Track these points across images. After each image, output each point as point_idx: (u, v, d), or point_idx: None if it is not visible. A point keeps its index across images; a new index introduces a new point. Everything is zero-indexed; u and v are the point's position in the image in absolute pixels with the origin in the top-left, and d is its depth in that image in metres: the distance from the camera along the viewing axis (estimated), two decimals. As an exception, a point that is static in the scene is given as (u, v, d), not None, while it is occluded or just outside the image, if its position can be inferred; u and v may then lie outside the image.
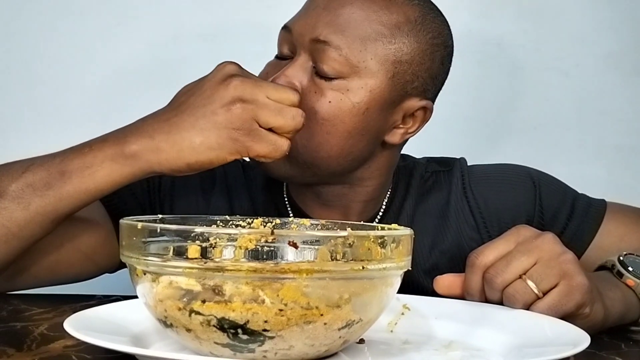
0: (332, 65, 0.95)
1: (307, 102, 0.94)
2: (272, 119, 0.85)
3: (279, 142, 0.86)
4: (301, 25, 0.97)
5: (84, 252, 1.00)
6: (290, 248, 0.61)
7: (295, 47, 0.98)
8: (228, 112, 0.85)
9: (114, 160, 0.86)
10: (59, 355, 0.69)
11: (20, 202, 0.87)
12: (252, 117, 0.85)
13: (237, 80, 0.86)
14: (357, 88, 0.95)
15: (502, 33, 1.52)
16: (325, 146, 0.96)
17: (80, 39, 1.49)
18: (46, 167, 0.88)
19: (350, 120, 0.96)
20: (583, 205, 1.08)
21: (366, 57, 0.95)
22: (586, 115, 1.53)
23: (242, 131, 0.85)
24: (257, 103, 0.85)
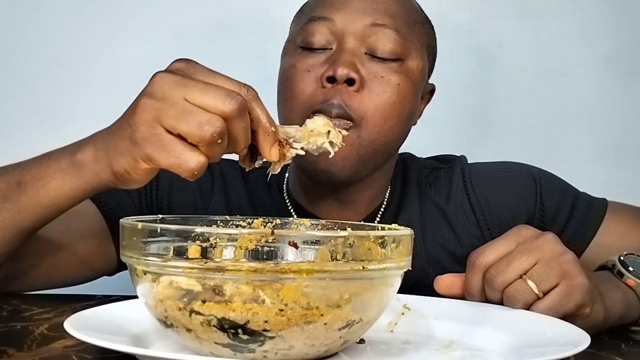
0: (392, 47, 0.97)
1: (377, 87, 0.96)
2: (174, 123, 0.68)
3: (185, 155, 0.68)
4: (348, 13, 0.98)
5: (80, 257, 1.00)
6: (291, 248, 0.61)
7: (337, 37, 0.98)
8: (133, 111, 0.71)
9: (64, 171, 0.80)
10: (59, 355, 0.69)
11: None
12: (155, 118, 0.69)
13: (162, 74, 0.71)
14: (413, 69, 1.00)
15: (502, 33, 1.52)
16: (395, 129, 0.99)
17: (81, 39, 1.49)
18: (6, 177, 0.84)
19: (412, 101, 1.00)
20: (584, 204, 1.08)
21: (414, 39, 1.01)
22: (586, 115, 1.53)
23: (142, 134, 0.70)
24: (164, 102, 0.69)
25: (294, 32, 1.05)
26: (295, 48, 1.01)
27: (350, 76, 0.95)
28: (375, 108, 0.96)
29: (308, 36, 0.99)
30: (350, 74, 0.95)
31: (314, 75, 0.97)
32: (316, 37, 0.99)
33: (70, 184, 0.80)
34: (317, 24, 0.99)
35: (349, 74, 0.95)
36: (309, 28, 1.00)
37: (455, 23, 1.50)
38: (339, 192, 1.04)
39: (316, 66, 0.98)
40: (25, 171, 0.83)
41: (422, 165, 1.12)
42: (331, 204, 1.05)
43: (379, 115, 0.96)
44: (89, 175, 0.78)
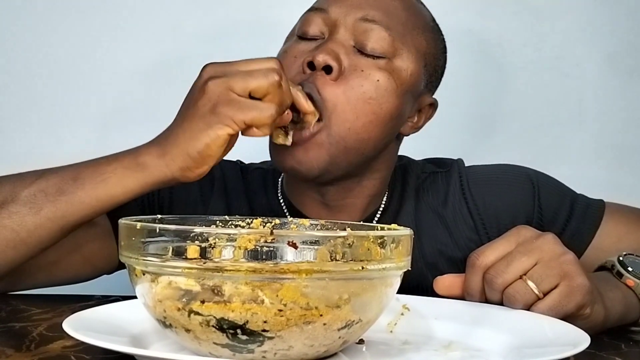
0: (380, 44, 0.97)
1: (353, 79, 0.95)
2: (245, 84, 0.83)
3: (261, 105, 0.83)
4: (343, 6, 0.99)
5: (82, 254, 1.00)
6: (290, 248, 0.61)
7: (330, 28, 0.99)
8: (203, 93, 0.84)
9: (127, 168, 0.86)
10: (58, 356, 0.69)
11: (32, 207, 0.87)
12: (226, 87, 0.83)
13: (208, 67, 0.86)
14: (401, 70, 0.98)
15: (502, 33, 1.52)
16: (369, 127, 0.97)
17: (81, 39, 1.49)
18: (60, 174, 0.88)
19: (393, 102, 0.98)
20: (582, 206, 1.08)
21: (407, 42, 0.99)
22: (586, 115, 1.53)
23: (219, 102, 0.83)
24: (227, 74, 0.84)
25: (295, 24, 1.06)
26: (293, 37, 1.03)
27: (328, 63, 0.94)
28: (348, 101, 0.94)
29: (304, 25, 1.01)
30: (328, 61, 0.94)
31: (299, 62, 0.97)
32: (311, 26, 1.00)
33: (132, 179, 0.86)
34: (313, 14, 1.00)
35: (327, 61, 0.94)
36: (305, 17, 1.01)
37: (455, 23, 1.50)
38: (323, 196, 1.04)
39: (304, 53, 0.98)
40: (82, 168, 0.88)
41: (420, 170, 1.12)
42: (320, 207, 1.05)
43: (350, 109, 0.94)
44: (154, 170, 0.86)
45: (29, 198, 0.87)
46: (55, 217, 0.87)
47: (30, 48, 1.49)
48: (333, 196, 1.04)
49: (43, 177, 0.88)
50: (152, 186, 0.87)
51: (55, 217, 0.87)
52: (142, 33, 1.50)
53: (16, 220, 0.87)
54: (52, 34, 1.49)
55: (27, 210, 0.87)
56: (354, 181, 1.03)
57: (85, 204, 0.87)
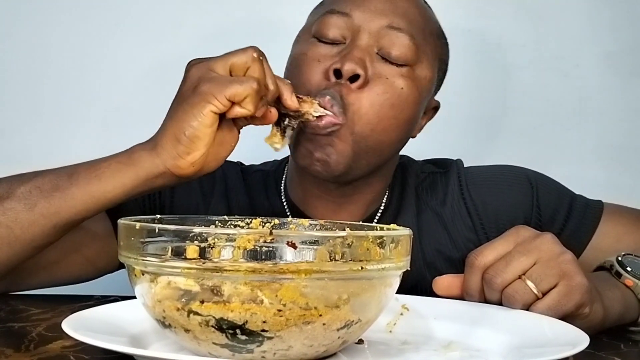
0: (405, 52, 0.98)
1: (378, 86, 0.96)
2: (224, 61, 0.84)
3: (241, 78, 0.83)
4: (367, 12, 0.99)
5: (84, 254, 1.00)
6: (289, 248, 0.61)
7: (352, 33, 0.98)
8: (186, 80, 0.85)
9: (120, 163, 0.86)
10: (57, 356, 0.69)
11: (27, 203, 0.87)
12: (207, 68, 0.84)
13: (192, 61, 0.87)
14: (421, 77, 1.00)
15: (502, 33, 1.52)
16: (389, 131, 0.98)
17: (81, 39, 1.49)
18: (57, 171, 0.89)
19: (413, 108, 1.00)
20: (580, 206, 1.08)
21: (426, 49, 1.01)
22: (586, 115, 1.53)
23: (202, 82, 0.82)
24: (208, 60, 0.85)
25: (310, 22, 1.05)
26: (309, 37, 1.01)
27: (357, 72, 0.94)
28: (371, 105, 0.95)
29: (323, 27, 1.00)
30: (356, 70, 0.94)
31: (323, 66, 0.97)
32: (332, 29, 0.99)
33: (124, 174, 0.86)
34: (334, 17, 0.99)
35: (355, 70, 0.94)
36: (326, 19, 1.00)
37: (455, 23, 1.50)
38: (336, 191, 1.04)
39: (327, 57, 0.97)
40: (78, 165, 0.88)
41: (419, 170, 1.12)
42: (327, 204, 1.05)
43: (373, 113, 0.95)
44: (145, 163, 0.85)
45: (24, 194, 0.87)
46: (48, 213, 0.87)
47: (30, 48, 1.49)
48: (343, 194, 1.04)
49: (40, 174, 0.89)
50: (146, 181, 0.86)
51: (49, 214, 0.87)
52: (142, 33, 1.50)
53: (11, 216, 0.87)
54: (52, 34, 1.49)
55: (22, 207, 0.87)
56: (363, 180, 1.03)
57: (78, 199, 0.86)
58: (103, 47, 1.50)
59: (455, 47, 1.09)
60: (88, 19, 1.50)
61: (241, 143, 0.89)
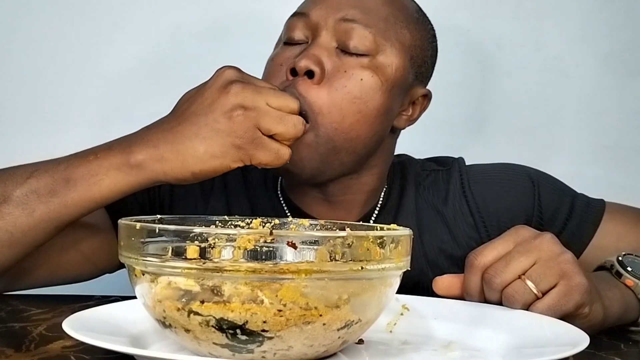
0: (362, 42, 0.97)
1: (337, 81, 0.95)
2: (274, 127, 0.85)
3: (281, 150, 0.86)
4: (323, 8, 0.99)
5: (84, 253, 1.00)
6: (289, 248, 0.61)
7: (312, 31, 0.99)
8: (230, 120, 0.84)
9: (120, 169, 0.86)
10: (58, 356, 0.69)
11: (25, 209, 0.86)
12: (254, 124, 0.84)
13: (238, 86, 0.85)
14: (385, 66, 0.98)
15: (502, 33, 1.52)
16: (356, 126, 0.96)
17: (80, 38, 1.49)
18: (51, 173, 0.87)
19: (379, 99, 0.98)
20: (582, 205, 1.08)
21: (390, 37, 0.99)
22: (586, 115, 1.52)
23: (245, 139, 0.84)
24: (258, 110, 0.84)
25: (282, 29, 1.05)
26: (280, 43, 1.03)
27: (310, 68, 0.94)
28: (332, 102, 0.95)
29: (288, 31, 1.01)
30: (309, 66, 0.94)
31: (284, 69, 0.98)
32: (295, 32, 1.00)
33: (125, 182, 0.86)
34: (296, 19, 1.01)
35: (308, 66, 0.94)
36: (289, 23, 1.01)
37: (455, 23, 1.50)
38: (324, 192, 1.04)
39: (289, 59, 0.98)
40: (73, 168, 0.87)
41: (420, 168, 1.12)
42: (321, 204, 1.05)
43: (335, 110, 0.94)
44: (149, 174, 0.86)
45: (21, 199, 0.87)
46: (49, 218, 0.87)
47: (30, 48, 1.49)
48: (333, 193, 1.04)
49: (34, 176, 0.87)
50: (146, 186, 0.88)
51: (50, 219, 0.87)
52: (142, 32, 1.50)
53: (9, 221, 0.86)
54: (51, 34, 1.49)
55: (20, 212, 0.86)
56: (353, 177, 1.03)
57: (79, 205, 0.87)
58: (102, 46, 1.50)
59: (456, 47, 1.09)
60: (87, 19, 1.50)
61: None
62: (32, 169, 0.89)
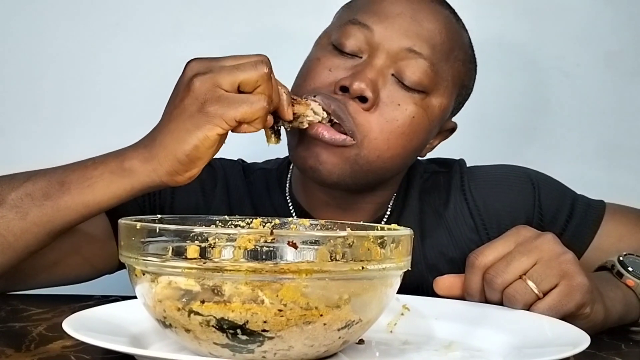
0: (422, 79, 0.94)
1: (388, 113, 0.93)
2: (233, 78, 0.79)
3: (252, 98, 0.79)
4: (390, 30, 0.95)
5: (83, 255, 1.00)
6: (290, 248, 0.61)
7: (371, 48, 0.95)
8: (189, 91, 0.80)
9: (113, 173, 0.84)
10: (58, 356, 0.69)
11: (18, 211, 0.85)
12: (213, 84, 0.79)
13: (192, 62, 0.82)
14: (435, 106, 0.97)
15: (502, 33, 1.52)
16: (396, 159, 0.96)
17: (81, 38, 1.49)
18: (47, 177, 0.86)
19: (421, 137, 0.98)
20: (582, 206, 1.08)
21: (447, 76, 0.98)
22: (586, 115, 1.53)
23: (209, 101, 0.79)
24: (213, 70, 0.80)
25: (332, 26, 1.02)
26: (328, 42, 0.99)
27: (365, 95, 0.92)
28: (381, 132, 0.93)
29: (342, 37, 0.96)
30: (365, 92, 0.92)
31: (333, 77, 0.95)
32: (350, 41, 0.96)
33: (118, 185, 0.84)
34: (356, 28, 0.96)
35: (364, 92, 0.92)
36: (346, 29, 0.97)
37: (455, 23, 1.50)
38: (340, 197, 1.03)
39: (339, 69, 0.95)
40: (68, 172, 0.86)
41: (423, 170, 1.12)
42: (331, 209, 1.05)
43: (382, 139, 0.93)
44: (141, 176, 0.83)
45: (15, 202, 0.85)
46: (41, 222, 0.85)
47: (31, 49, 1.49)
48: (343, 200, 1.03)
49: (30, 180, 0.87)
50: (140, 191, 0.85)
51: (42, 222, 0.85)
52: (143, 34, 1.50)
53: (2, 224, 0.85)
54: (51, 34, 1.49)
55: (14, 215, 0.85)
56: (367, 191, 1.03)
57: (72, 209, 0.85)
58: (103, 47, 1.50)
59: (456, 47, 1.09)
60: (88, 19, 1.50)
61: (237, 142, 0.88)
62: (30, 174, 0.88)
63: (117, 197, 0.85)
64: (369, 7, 0.98)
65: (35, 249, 0.88)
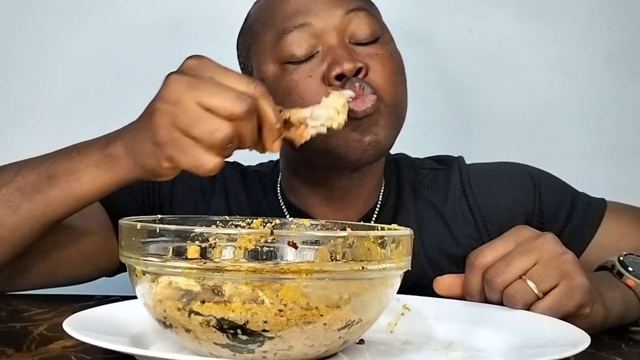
0: (370, 27, 0.99)
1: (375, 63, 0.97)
2: (189, 128, 0.72)
3: (202, 158, 0.73)
4: (322, 10, 0.98)
5: (84, 254, 1.00)
6: (290, 248, 0.61)
7: (320, 37, 0.97)
8: (151, 114, 0.75)
9: (98, 166, 0.83)
10: (58, 356, 0.69)
11: (10, 206, 0.86)
12: (170, 122, 0.73)
13: (175, 77, 0.75)
14: (390, 43, 1.03)
15: (502, 33, 1.52)
16: (403, 94, 1.01)
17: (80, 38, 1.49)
18: (36, 170, 0.87)
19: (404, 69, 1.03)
20: (583, 204, 1.08)
21: (380, 18, 1.04)
22: (586, 115, 1.53)
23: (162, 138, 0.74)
24: (178, 106, 0.73)
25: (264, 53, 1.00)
26: (281, 64, 0.98)
27: (358, 66, 0.95)
28: (384, 81, 0.97)
29: (293, 49, 0.96)
30: (356, 65, 0.94)
31: (318, 78, 0.96)
32: (302, 46, 0.96)
33: (104, 178, 0.84)
34: (296, 33, 0.97)
35: (356, 65, 0.94)
36: (289, 40, 0.96)
37: (455, 23, 1.50)
38: (333, 191, 1.04)
39: (314, 69, 0.96)
40: (56, 165, 0.86)
41: (419, 167, 1.12)
42: (323, 204, 1.05)
43: (391, 83, 0.97)
44: (123, 168, 0.82)
45: (6, 197, 0.86)
46: (34, 215, 0.86)
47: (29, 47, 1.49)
48: (336, 192, 1.04)
49: (20, 173, 0.87)
50: (126, 182, 0.84)
51: (34, 216, 0.86)
52: (141, 31, 1.50)
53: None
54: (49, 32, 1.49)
55: (5, 210, 0.86)
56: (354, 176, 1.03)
57: (61, 203, 0.86)
58: (103, 47, 1.50)
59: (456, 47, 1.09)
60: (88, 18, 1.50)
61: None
62: (20, 167, 0.88)
63: (103, 189, 0.85)
64: (284, 11, 0.99)
65: (31, 241, 0.89)
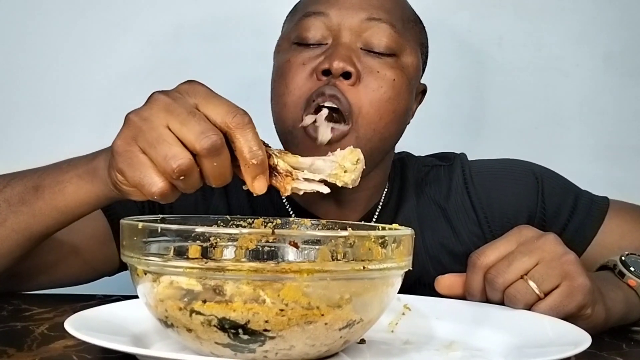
0: (388, 42, 0.97)
1: (371, 83, 0.95)
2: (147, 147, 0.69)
3: (148, 178, 0.68)
4: (344, 8, 0.98)
5: (84, 258, 1.00)
6: (291, 248, 0.61)
7: (333, 32, 0.97)
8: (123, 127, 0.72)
9: (80, 177, 0.82)
10: (60, 355, 0.69)
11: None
12: (132, 136, 0.70)
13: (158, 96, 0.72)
14: (407, 65, 1.00)
15: (502, 33, 1.52)
16: (390, 126, 0.97)
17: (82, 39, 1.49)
18: (24, 181, 0.85)
19: (407, 98, 0.99)
20: (585, 202, 1.08)
21: (408, 35, 1.00)
22: (586, 115, 1.53)
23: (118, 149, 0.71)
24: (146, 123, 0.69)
25: (287, 29, 1.03)
26: (290, 44, 1.00)
27: (347, 69, 0.94)
28: (371, 104, 0.95)
29: (303, 31, 0.98)
30: (346, 67, 0.94)
31: (309, 68, 0.96)
32: (311, 32, 0.98)
33: (85, 190, 0.82)
34: (312, 19, 0.98)
35: (345, 67, 0.94)
36: (303, 23, 0.99)
37: (455, 23, 1.50)
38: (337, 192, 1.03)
39: (311, 59, 0.96)
40: (45, 175, 0.85)
41: (422, 164, 1.12)
42: (329, 203, 1.05)
43: (374, 111, 0.95)
44: (101, 181, 0.79)
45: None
46: (19, 228, 0.85)
47: (31, 48, 1.49)
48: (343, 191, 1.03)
49: (10, 184, 0.86)
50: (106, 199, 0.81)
51: (20, 229, 0.85)
52: (143, 33, 1.50)
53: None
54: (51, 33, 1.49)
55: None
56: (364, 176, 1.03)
57: (46, 215, 0.84)
58: (105, 47, 1.50)
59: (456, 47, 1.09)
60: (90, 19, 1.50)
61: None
62: (10, 177, 0.87)
63: (86, 202, 0.82)
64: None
65: (19, 254, 0.87)
